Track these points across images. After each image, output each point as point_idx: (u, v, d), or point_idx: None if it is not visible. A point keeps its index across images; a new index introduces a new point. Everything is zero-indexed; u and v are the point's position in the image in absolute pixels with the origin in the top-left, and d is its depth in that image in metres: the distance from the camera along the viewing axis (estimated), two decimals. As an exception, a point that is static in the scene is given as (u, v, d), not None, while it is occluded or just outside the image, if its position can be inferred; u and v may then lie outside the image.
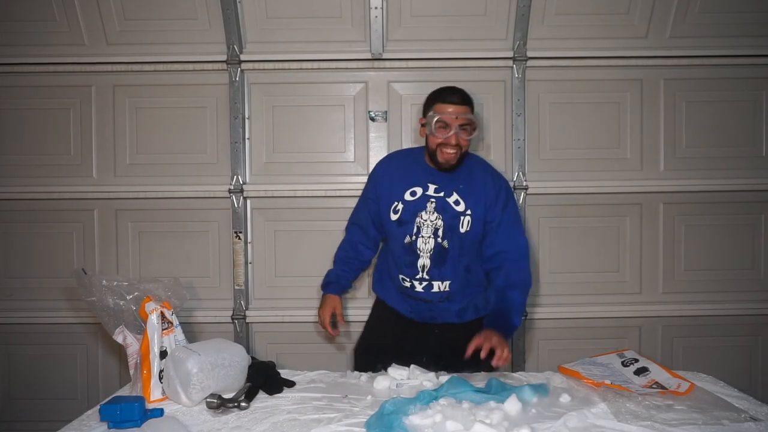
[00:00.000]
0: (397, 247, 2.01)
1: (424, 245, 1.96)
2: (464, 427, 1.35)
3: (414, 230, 1.96)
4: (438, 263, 1.97)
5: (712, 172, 2.74)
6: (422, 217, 1.96)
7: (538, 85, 2.73)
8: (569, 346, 2.71)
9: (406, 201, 1.98)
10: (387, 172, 2.07)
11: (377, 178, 2.08)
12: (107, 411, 1.40)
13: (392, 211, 1.99)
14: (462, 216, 1.95)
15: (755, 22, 2.67)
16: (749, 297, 2.77)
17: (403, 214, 1.97)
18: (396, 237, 2.00)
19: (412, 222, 1.96)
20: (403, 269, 2.01)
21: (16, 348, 2.78)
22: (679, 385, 1.62)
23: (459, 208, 1.96)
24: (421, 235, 1.96)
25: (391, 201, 2.00)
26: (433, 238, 1.96)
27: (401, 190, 1.99)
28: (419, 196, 1.97)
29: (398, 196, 1.99)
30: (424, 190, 1.98)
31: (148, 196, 2.71)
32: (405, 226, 1.97)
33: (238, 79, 2.68)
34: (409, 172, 2.02)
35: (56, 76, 2.71)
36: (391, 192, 2.01)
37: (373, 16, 2.59)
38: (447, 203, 1.96)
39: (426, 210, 1.96)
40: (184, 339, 1.71)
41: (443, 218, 1.95)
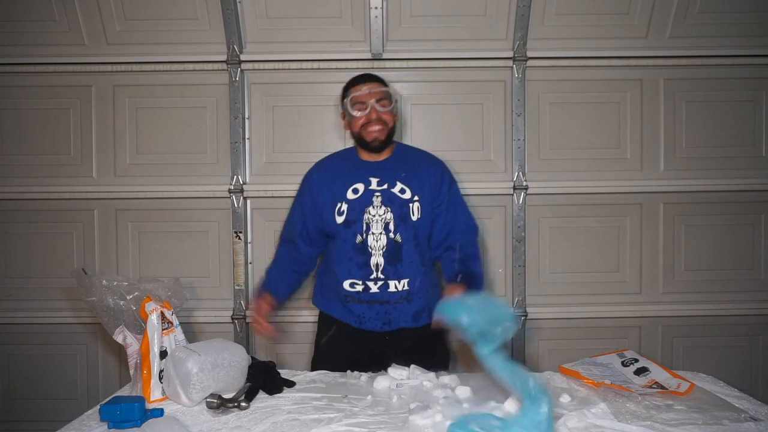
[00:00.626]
0: (346, 249, 1.94)
1: (375, 242, 1.91)
2: (464, 427, 1.34)
3: (363, 228, 1.91)
4: (393, 260, 1.91)
5: (712, 172, 2.74)
6: (370, 213, 1.91)
7: (538, 85, 2.73)
8: (569, 346, 2.71)
9: (350, 200, 1.92)
10: (322, 177, 2.01)
11: (312, 185, 2.01)
12: (107, 411, 1.40)
13: (337, 213, 1.93)
14: (410, 203, 1.92)
15: (755, 22, 2.67)
16: (749, 297, 2.77)
17: (349, 213, 1.92)
18: (345, 239, 1.93)
19: (360, 219, 1.91)
20: (354, 272, 1.93)
21: (16, 348, 2.78)
22: (679, 385, 1.62)
23: (405, 196, 1.92)
24: (371, 232, 1.90)
25: (334, 203, 1.94)
26: (384, 234, 1.90)
27: (342, 190, 1.94)
28: (362, 192, 1.93)
29: (341, 197, 1.93)
30: (366, 185, 1.93)
31: (148, 196, 2.71)
32: (354, 225, 1.91)
33: (238, 79, 2.68)
34: (345, 171, 1.98)
35: (56, 76, 2.71)
36: (332, 194, 1.95)
37: (373, 16, 2.59)
38: (393, 194, 1.92)
39: (373, 205, 1.91)
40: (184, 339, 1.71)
41: (392, 209, 1.91)
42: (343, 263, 1.96)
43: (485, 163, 2.74)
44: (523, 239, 2.72)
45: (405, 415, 1.45)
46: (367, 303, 1.95)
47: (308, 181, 2.05)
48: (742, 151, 2.76)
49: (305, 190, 2.04)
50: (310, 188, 2.02)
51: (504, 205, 2.73)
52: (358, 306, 1.97)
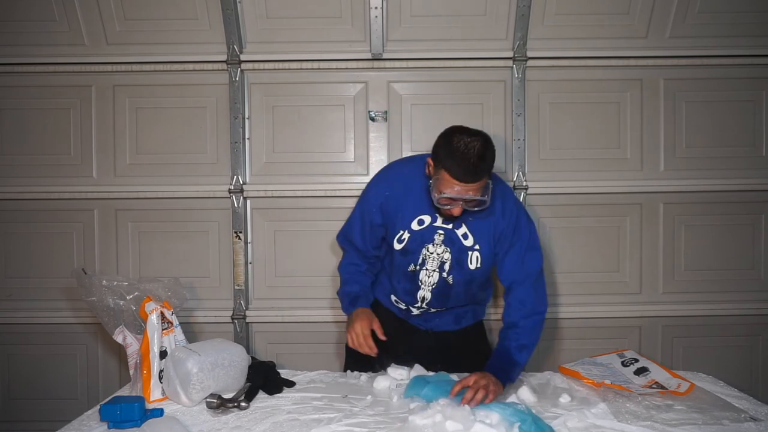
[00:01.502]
0: (396, 273, 1.89)
1: (427, 278, 1.84)
2: (464, 427, 1.35)
3: (419, 260, 1.83)
4: (440, 297, 1.86)
5: (712, 172, 2.74)
6: (429, 250, 1.82)
7: (538, 85, 2.73)
8: (569, 346, 2.71)
9: (414, 230, 1.81)
10: (391, 196, 1.85)
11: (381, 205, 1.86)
12: (107, 411, 1.40)
13: (397, 240, 1.84)
14: (470, 251, 1.80)
15: (755, 22, 2.67)
16: (749, 297, 2.76)
17: (409, 243, 1.82)
18: (399, 264, 1.87)
19: (418, 252, 1.82)
20: (400, 294, 1.91)
21: (16, 348, 2.77)
22: (679, 385, 1.62)
23: (467, 242, 1.80)
24: (425, 268, 1.83)
25: (397, 229, 1.84)
26: (437, 273, 1.82)
27: (408, 218, 1.81)
28: (427, 225, 1.80)
29: (405, 225, 1.82)
30: (432, 220, 1.80)
31: (148, 196, 2.71)
32: (410, 255, 1.83)
33: (238, 79, 2.68)
34: (417, 195, 1.80)
35: (56, 76, 2.71)
36: (398, 218, 1.84)
37: (373, 16, 2.59)
38: (455, 235, 1.80)
39: (434, 242, 1.81)
40: (184, 339, 1.71)
41: (451, 251, 1.80)
42: (392, 282, 1.93)
43: (485, 163, 2.73)
44: (523, 239, 2.72)
45: (405, 415, 1.45)
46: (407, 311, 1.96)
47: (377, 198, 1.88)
48: (742, 151, 2.76)
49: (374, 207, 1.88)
50: (380, 205, 1.86)
51: (504, 205, 2.73)
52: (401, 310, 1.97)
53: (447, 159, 1.62)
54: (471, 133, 1.66)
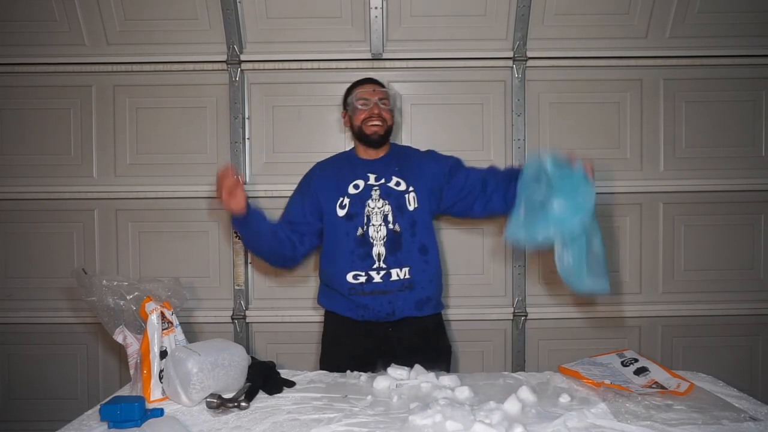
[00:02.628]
0: (347, 242, 2.01)
1: (376, 233, 2.01)
2: (464, 427, 1.35)
3: (364, 220, 2.02)
4: (393, 249, 2.01)
5: (712, 172, 2.74)
6: (369, 206, 2.03)
7: (538, 85, 2.73)
8: (569, 346, 2.71)
9: (352, 194, 2.05)
10: (323, 174, 2.13)
11: (315, 183, 2.11)
12: (107, 411, 1.40)
13: (339, 207, 2.04)
14: (406, 194, 2.04)
15: (755, 22, 2.67)
16: (749, 297, 2.77)
17: (350, 207, 2.03)
18: (347, 232, 2.02)
19: (361, 213, 2.02)
20: (356, 264, 2.00)
21: (16, 348, 2.78)
22: (678, 385, 1.62)
23: (400, 188, 2.05)
24: (371, 224, 2.02)
25: (336, 197, 2.05)
26: (383, 225, 2.02)
27: (344, 186, 2.06)
28: (362, 187, 2.05)
29: (342, 191, 2.06)
30: (365, 181, 2.06)
31: (149, 196, 2.71)
32: (355, 218, 2.02)
33: (238, 79, 2.68)
34: (345, 169, 2.11)
35: (56, 76, 2.71)
36: (334, 189, 2.07)
37: (373, 16, 2.59)
38: (389, 187, 2.05)
39: (372, 198, 2.04)
40: (184, 339, 1.71)
41: (389, 202, 2.03)
42: (344, 257, 2.02)
43: (485, 163, 2.71)
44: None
45: (405, 415, 1.45)
46: (371, 294, 2.00)
47: (310, 178, 2.16)
48: (742, 151, 2.76)
49: (307, 186, 2.13)
50: (314, 183, 2.12)
51: (504, 205, 2.73)
52: (362, 298, 2.01)
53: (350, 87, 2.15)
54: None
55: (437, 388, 1.64)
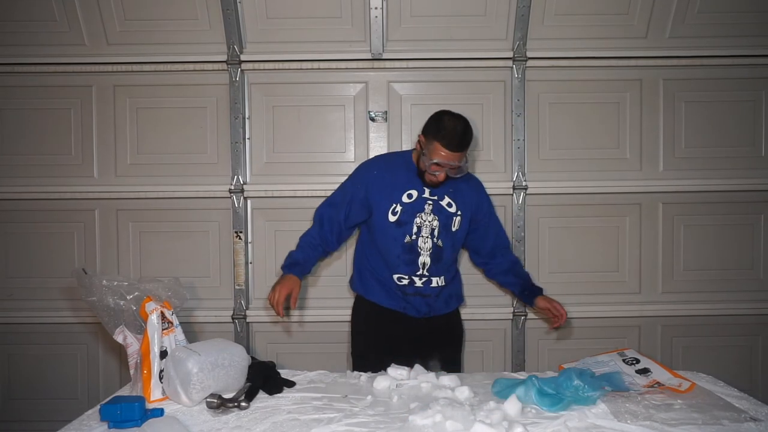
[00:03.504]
0: (394, 247, 2.10)
1: (424, 244, 2.09)
2: (464, 427, 1.35)
3: (414, 230, 2.08)
4: (435, 261, 2.12)
5: (711, 172, 2.74)
6: (421, 218, 2.09)
7: (538, 85, 2.73)
8: (569, 346, 2.72)
9: (405, 203, 2.08)
10: (380, 175, 2.13)
11: (369, 182, 2.12)
12: (107, 411, 1.40)
13: (391, 213, 2.08)
14: (454, 216, 2.12)
15: (755, 22, 2.67)
16: (749, 297, 2.77)
17: (402, 215, 2.08)
18: (395, 237, 2.09)
19: (412, 222, 2.08)
20: (401, 267, 2.11)
21: (16, 348, 2.78)
22: (680, 384, 1.62)
23: (451, 209, 2.12)
24: (421, 235, 2.09)
25: (390, 203, 2.08)
26: (430, 238, 2.10)
27: (398, 193, 2.09)
28: (416, 198, 2.09)
29: (396, 199, 2.08)
30: (420, 193, 2.09)
31: (149, 196, 2.71)
32: (405, 226, 2.08)
33: (238, 79, 2.68)
34: (402, 175, 2.12)
35: (56, 76, 2.71)
36: (389, 193, 2.10)
37: (373, 16, 2.59)
38: (441, 206, 2.11)
39: (425, 211, 2.09)
40: (184, 339, 1.71)
41: (439, 219, 2.10)
42: (391, 259, 2.12)
43: (485, 163, 2.74)
44: (522, 239, 2.73)
45: (405, 415, 1.45)
46: (413, 295, 2.13)
47: (366, 175, 2.15)
48: (742, 151, 2.76)
49: (360, 182, 2.14)
50: (368, 182, 2.12)
51: (504, 205, 2.73)
52: (405, 296, 2.14)
53: (438, 132, 2.00)
54: (456, 115, 2.05)
55: (437, 388, 1.64)
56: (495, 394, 1.59)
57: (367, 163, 2.24)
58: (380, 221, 2.10)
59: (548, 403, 1.49)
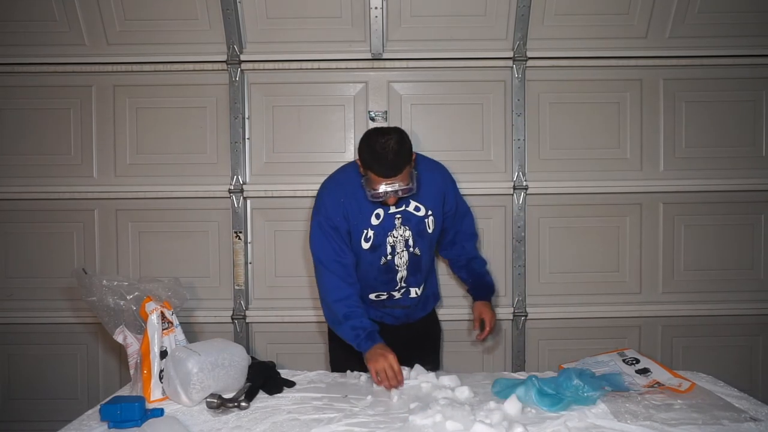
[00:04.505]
0: (371, 270, 2.01)
1: (400, 260, 2.02)
2: (464, 427, 1.35)
3: (388, 250, 2.00)
4: (414, 271, 2.06)
5: (712, 172, 2.74)
6: (393, 235, 2.00)
7: (538, 85, 2.73)
8: (569, 346, 2.71)
9: (375, 225, 1.97)
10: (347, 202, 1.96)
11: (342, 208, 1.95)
12: (107, 411, 1.40)
13: (363, 240, 1.98)
14: (425, 219, 2.02)
15: (755, 22, 2.67)
16: (749, 297, 2.77)
17: (375, 239, 1.98)
18: (371, 262, 2.00)
19: (385, 243, 2.00)
20: (379, 287, 2.06)
21: (16, 348, 2.77)
22: (680, 384, 1.62)
23: (420, 213, 2.01)
24: (396, 252, 2.01)
25: (362, 229, 1.97)
26: (406, 251, 2.02)
27: (367, 216, 1.96)
28: (383, 216, 1.98)
29: (366, 223, 1.96)
30: (385, 210, 1.97)
31: (149, 196, 2.71)
32: (379, 249, 1.99)
33: (238, 79, 2.68)
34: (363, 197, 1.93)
35: (56, 76, 2.71)
36: (358, 219, 1.96)
37: (373, 16, 2.59)
38: (409, 213, 2.00)
39: (395, 227, 2.00)
40: (184, 339, 1.71)
41: (410, 227, 2.00)
42: (368, 282, 2.04)
43: (485, 163, 2.74)
44: (523, 239, 2.72)
45: (405, 415, 1.45)
46: (390, 307, 2.10)
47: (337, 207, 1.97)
48: (742, 151, 2.76)
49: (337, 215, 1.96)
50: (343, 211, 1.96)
51: (504, 205, 2.73)
52: (381, 309, 2.10)
53: (369, 161, 1.83)
54: (385, 132, 1.86)
55: (437, 388, 1.64)
56: (495, 394, 1.59)
57: (327, 191, 2.03)
58: (355, 248, 1.98)
59: (548, 403, 1.49)
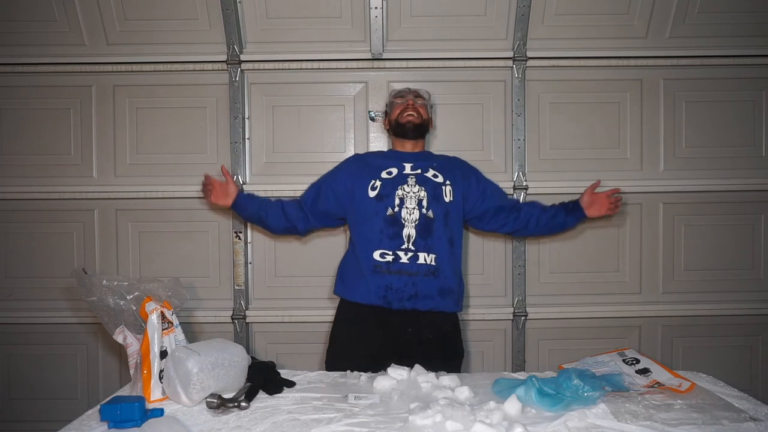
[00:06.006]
0: (377, 221, 2.06)
1: (408, 215, 2.05)
2: (464, 427, 1.35)
3: (396, 202, 2.06)
4: (424, 234, 2.04)
5: (712, 172, 2.74)
6: (404, 189, 2.08)
7: (538, 85, 2.73)
8: (569, 346, 2.71)
9: (384, 178, 2.11)
10: (356, 163, 2.22)
11: (350, 165, 2.22)
12: (107, 411, 1.40)
13: (370, 189, 2.10)
14: (443, 186, 2.10)
15: (755, 22, 2.67)
16: (749, 297, 2.77)
17: (381, 189, 2.08)
18: (376, 211, 2.07)
19: (393, 195, 2.07)
20: (385, 243, 2.03)
21: (16, 348, 2.77)
22: (680, 384, 1.62)
23: (438, 180, 2.11)
24: (405, 206, 2.06)
25: (368, 180, 2.11)
26: (417, 209, 2.05)
27: (377, 172, 2.12)
28: (396, 174, 2.12)
29: (375, 176, 2.11)
30: (400, 170, 2.12)
31: (148, 196, 2.71)
32: (386, 199, 2.07)
33: (238, 79, 2.68)
34: (381, 160, 2.19)
35: (56, 76, 2.71)
36: (366, 175, 2.13)
37: (373, 16, 2.59)
38: (426, 177, 2.11)
39: (407, 183, 2.09)
40: (184, 339, 1.71)
41: (426, 189, 2.08)
42: (373, 234, 2.06)
43: (485, 163, 2.73)
44: (523, 239, 2.72)
45: (405, 415, 1.45)
46: (396, 273, 2.02)
47: (346, 162, 2.28)
48: (742, 151, 2.76)
49: (340, 169, 2.24)
50: (347, 168, 2.22)
51: (504, 205, 2.73)
52: (387, 276, 2.02)
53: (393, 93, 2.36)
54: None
55: (437, 388, 1.64)
56: (495, 394, 1.59)
57: (348, 157, 2.35)
58: (360, 198, 2.10)
59: (548, 403, 1.49)
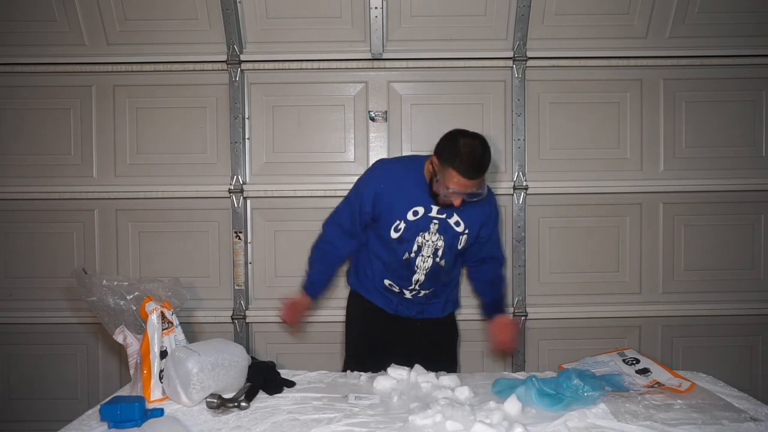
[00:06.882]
0: (391, 259, 2.01)
1: (422, 263, 1.99)
2: (464, 427, 1.35)
3: (414, 248, 1.97)
4: (432, 280, 2.04)
5: (712, 172, 2.74)
6: (424, 237, 1.96)
7: (538, 85, 2.73)
8: (569, 346, 2.71)
9: (409, 221, 1.94)
10: (386, 188, 1.96)
11: (376, 195, 1.96)
12: (107, 411, 1.40)
13: (393, 230, 1.96)
14: (461, 235, 1.99)
15: (754, 22, 2.67)
16: (749, 297, 2.77)
17: (404, 233, 1.95)
18: (394, 251, 1.99)
19: (412, 240, 1.96)
20: (395, 279, 2.05)
21: (17, 348, 2.78)
22: (680, 384, 1.62)
23: (459, 228, 1.98)
24: (421, 254, 1.98)
25: (393, 219, 1.95)
26: (431, 258, 1.99)
27: (404, 209, 1.94)
28: (421, 215, 1.94)
29: (400, 215, 1.94)
30: (426, 211, 1.94)
31: (148, 196, 2.71)
32: (405, 244, 1.97)
33: (238, 79, 2.68)
34: (410, 190, 1.95)
35: (56, 76, 2.71)
36: (392, 210, 1.96)
37: (373, 16, 2.59)
38: (448, 224, 1.97)
39: (429, 231, 1.96)
40: (184, 339, 1.71)
41: (444, 239, 1.97)
42: (387, 267, 2.05)
43: (485, 163, 2.73)
44: (523, 239, 2.72)
45: (405, 415, 1.45)
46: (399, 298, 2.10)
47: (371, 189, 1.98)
48: (742, 151, 2.76)
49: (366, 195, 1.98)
50: (373, 195, 1.97)
51: (504, 205, 2.73)
52: (396, 295, 2.09)
53: (454, 159, 1.81)
54: (472, 135, 1.89)
55: (437, 388, 1.64)
56: (495, 394, 1.59)
57: (374, 172, 2.05)
58: (383, 233, 1.98)
59: (548, 403, 1.49)
